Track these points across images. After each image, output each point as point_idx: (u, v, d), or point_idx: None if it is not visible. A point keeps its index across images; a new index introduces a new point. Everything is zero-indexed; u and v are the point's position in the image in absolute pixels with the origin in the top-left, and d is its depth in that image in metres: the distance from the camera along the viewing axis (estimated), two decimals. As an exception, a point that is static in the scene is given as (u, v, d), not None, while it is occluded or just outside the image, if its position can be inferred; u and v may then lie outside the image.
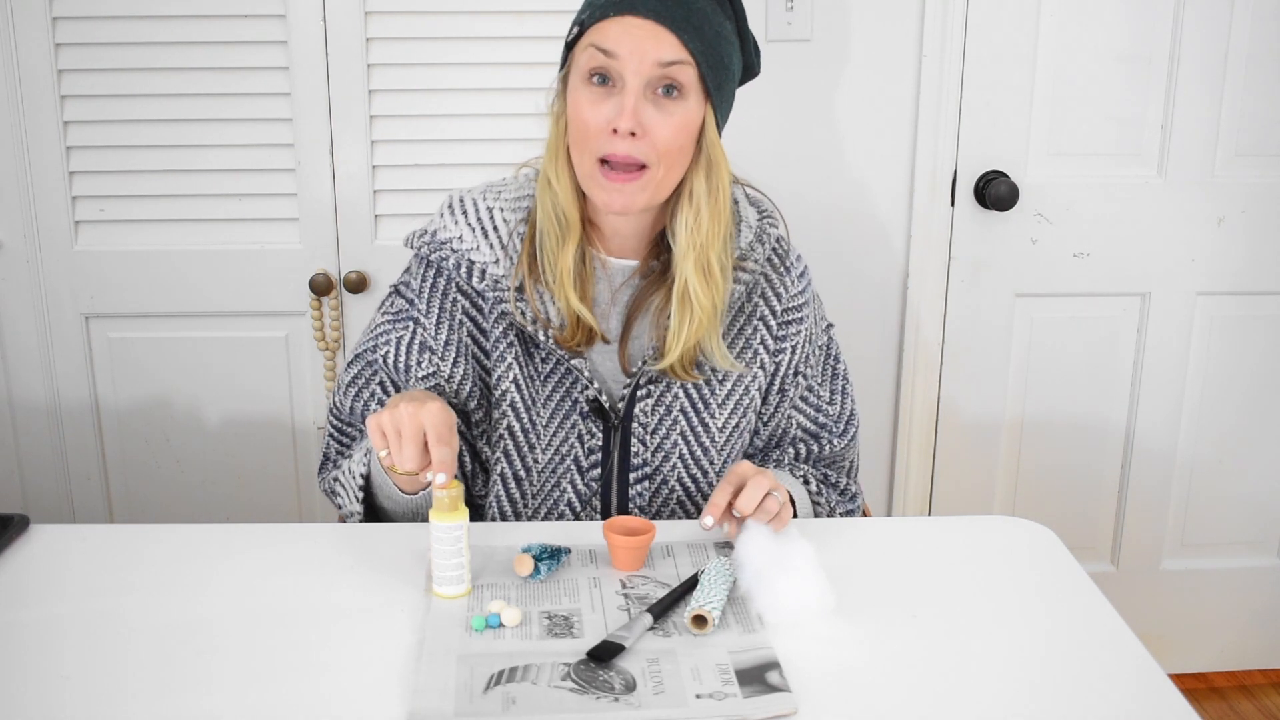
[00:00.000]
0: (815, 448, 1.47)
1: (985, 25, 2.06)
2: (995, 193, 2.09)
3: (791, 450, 1.46)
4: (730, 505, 1.22)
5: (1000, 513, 2.29)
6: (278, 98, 1.99)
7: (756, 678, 1.02)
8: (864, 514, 1.55)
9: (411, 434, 1.17)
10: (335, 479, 1.42)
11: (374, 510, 1.41)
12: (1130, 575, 2.37)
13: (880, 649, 1.09)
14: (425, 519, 1.38)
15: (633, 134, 1.24)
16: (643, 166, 1.26)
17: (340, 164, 2.03)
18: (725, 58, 1.29)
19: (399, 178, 2.04)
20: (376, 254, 2.07)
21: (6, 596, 1.16)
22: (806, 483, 1.45)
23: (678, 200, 1.32)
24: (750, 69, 1.37)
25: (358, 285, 2.06)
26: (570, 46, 1.29)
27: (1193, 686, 2.40)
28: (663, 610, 1.12)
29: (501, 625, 1.10)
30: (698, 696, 1.00)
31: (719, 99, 1.29)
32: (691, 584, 1.17)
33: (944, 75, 2.07)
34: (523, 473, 1.37)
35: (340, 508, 1.41)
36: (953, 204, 2.14)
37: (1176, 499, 2.34)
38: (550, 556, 1.19)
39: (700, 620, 1.10)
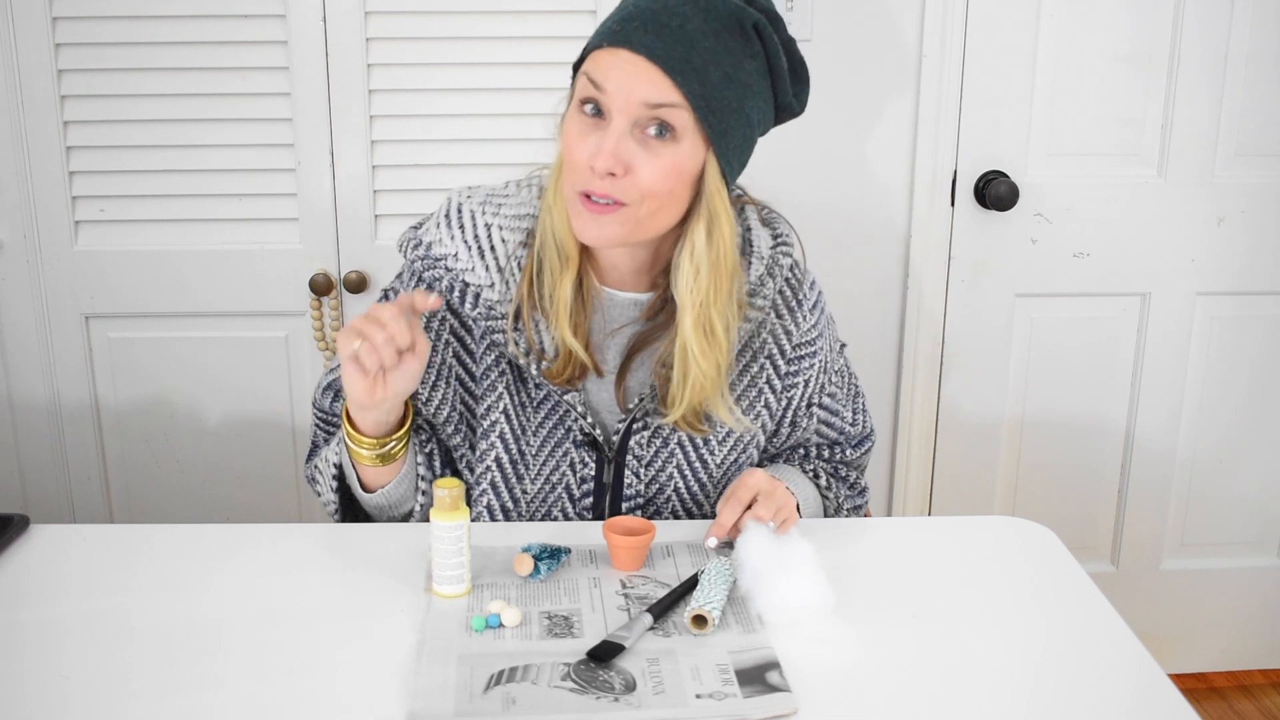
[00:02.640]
0: (829, 454, 1.46)
1: (985, 25, 2.06)
2: (995, 193, 2.09)
3: (801, 451, 1.46)
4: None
5: (1000, 513, 2.29)
6: (278, 98, 1.99)
7: (756, 678, 1.02)
8: (864, 514, 1.55)
9: (376, 313, 1.16)
10: (316, 467, 1.41)
11: (350, 504, 1.40)
12: (1130, 575, 2.37)
13: (880, 649, 1.09)
14: (400, 515, 1.38)
15: (612, 174, 1.16)
16: (621, 203, 1.19)
17: (340, 164, 2.03)
18: (735, 101, 1.18)
19: (399, 178, 2.04)
20: (376, 254, 2.07)
21: (6, 596, 1.16)
22: (817, 477, 1.43)
23: (680, 250, 1.24)
24: (787, 109, 1.27)
25: (358, 285, 2.06)
26: (576, 68, 1.24)
27: (1193, 686, 2.40)
28: (663, 610, 1.12)
29: (501, 625, 1.10)
30: (698, 696, 1.00)
31: (723, 146, 1.20)
32: (691, 584, 1.17)
33: (944, 75, 2.07)
34: (510, 504, 1.34)
35: (319, 495, 1.40)
36: (953, 204, 2.14)
37: (1176, 499, 2.34)
38: (550, 556, 1.19)
39: (700, 620, 1.10)
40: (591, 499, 1.34)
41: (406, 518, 1.38)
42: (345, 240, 2.06)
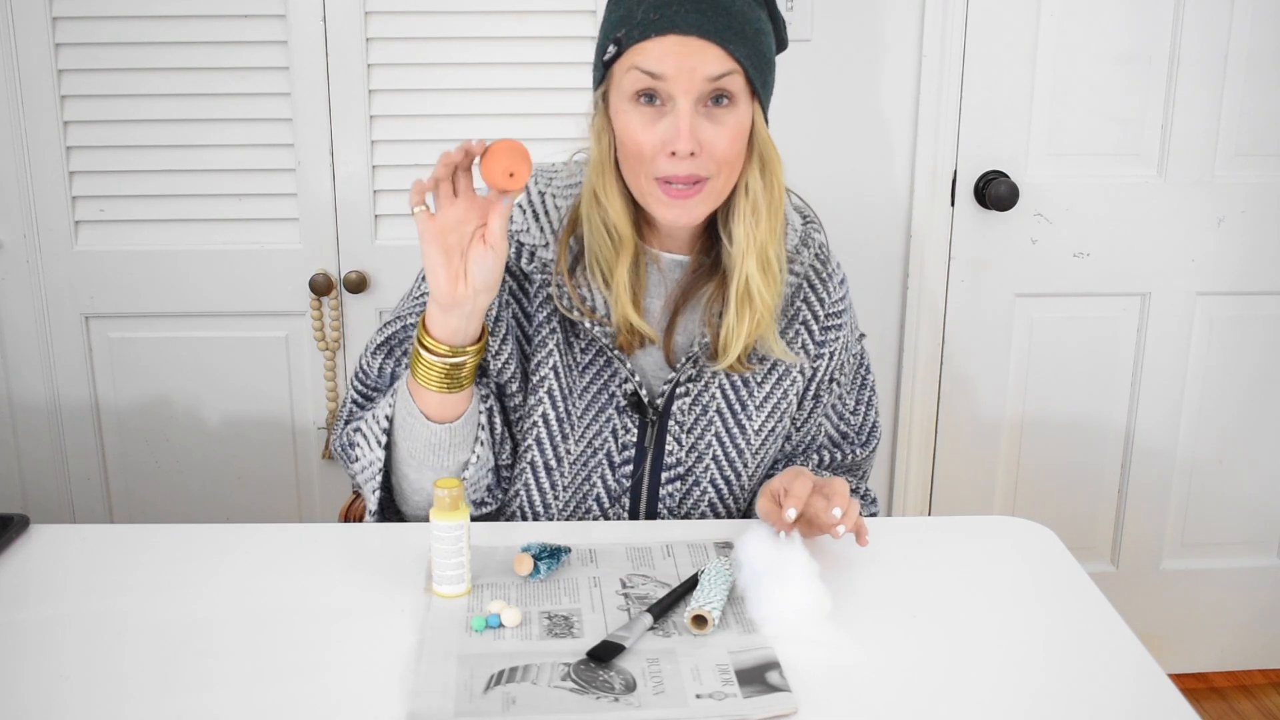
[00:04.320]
0: (838, 456, 1.48)
1: (985, 25, 2.06)
2: (995, 193, 2.09)
3: (815, 458, 1.47)
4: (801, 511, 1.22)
5: (1000, 513, 2.29)
6: (278, 98, 2.00)
7: (756, 678, 1.02)
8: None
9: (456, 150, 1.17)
10: (356, 429, 1.36)
11: (389, 485, 1.36)
12: (1130, 575, 2.37)
13: (880, 649, 1.09)
14: (456, 466, 1.33)
15: (692, 153, 1.23)
16: (704, 179, 1.25)
17: (340, 164, 2.03)
18: (767, 51, 1.27)
19: (399, 178, 2.04)
20: (376, 254, 2.07)
21: (6, 596, 1.16)
22: None
23: (733, 198, 1.31)
24: (782, 44, 1.34)
25: (358, 285, 2.07)
26: (608, 65, 1.27)
27: (1193, 686, 2.40)
28: (663, 610, 1.12)
29: (501, 625, 1.10)
30: (698, 696, 1.00)
31: (765, 94, 1.29)
32: (691, 584, 1.17)
33: (944, 75, 2.07)
34: (554, 463, 1.36)
35: (355, 461, 1.35)
36: (953, 204, 2.14)
37: (1176, 499, 2.34)
38: (550, 556, 1.19)
39: (700, 620, 1.10)
40: (631, 465, 1.37)
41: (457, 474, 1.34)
42: (345, 240, 2.06)
